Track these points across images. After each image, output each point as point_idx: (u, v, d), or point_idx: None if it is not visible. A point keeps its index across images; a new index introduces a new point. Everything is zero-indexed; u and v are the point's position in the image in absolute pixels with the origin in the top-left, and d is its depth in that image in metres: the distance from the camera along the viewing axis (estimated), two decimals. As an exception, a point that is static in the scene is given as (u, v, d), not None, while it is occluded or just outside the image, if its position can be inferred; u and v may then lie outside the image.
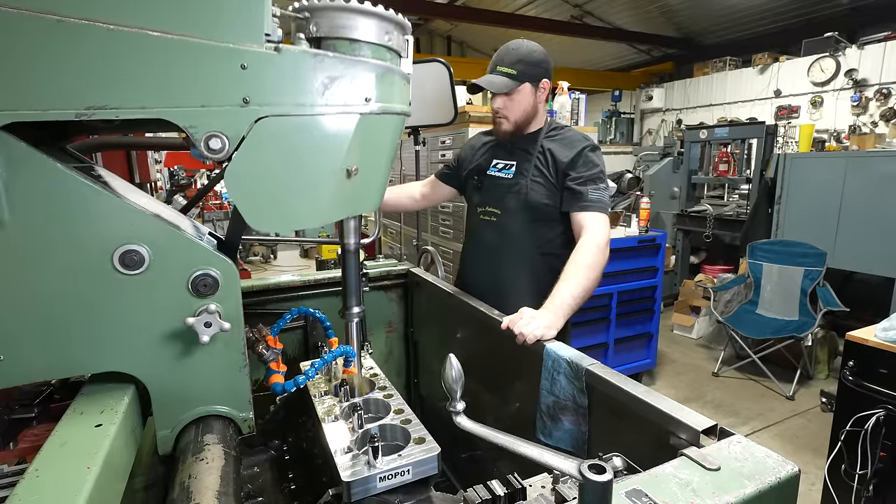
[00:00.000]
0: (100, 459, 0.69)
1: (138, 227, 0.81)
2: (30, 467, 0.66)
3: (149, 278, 0.82)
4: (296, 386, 1.07)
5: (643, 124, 9.86)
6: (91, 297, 0.80)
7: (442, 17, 8.81)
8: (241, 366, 0.93)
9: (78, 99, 0.71)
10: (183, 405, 0.91)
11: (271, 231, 0.92)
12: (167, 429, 0.91)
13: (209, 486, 0.76)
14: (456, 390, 0.87)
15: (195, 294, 0.86)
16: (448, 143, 4.10)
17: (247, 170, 0.83)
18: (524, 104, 1.64)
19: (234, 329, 0.88)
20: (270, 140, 0.82)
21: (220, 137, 0.78)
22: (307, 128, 0.85)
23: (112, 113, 0.73)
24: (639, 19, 8.72)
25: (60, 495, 0.61)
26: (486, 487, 0.92)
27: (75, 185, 0.77)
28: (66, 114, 0.71)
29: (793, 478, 0.70)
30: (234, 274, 0.89)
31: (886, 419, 1.83)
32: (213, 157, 0.79)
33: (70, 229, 0.77)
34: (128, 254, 0.80)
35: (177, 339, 0.86)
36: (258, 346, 1.11)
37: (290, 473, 1.29)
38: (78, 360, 0.82)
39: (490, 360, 1.50)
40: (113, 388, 0.86)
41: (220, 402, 0.94)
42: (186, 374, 0.89)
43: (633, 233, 3.64)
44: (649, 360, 3.85)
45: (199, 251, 0.86)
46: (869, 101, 6.32)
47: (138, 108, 0.74)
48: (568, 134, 1.70)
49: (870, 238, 3.74)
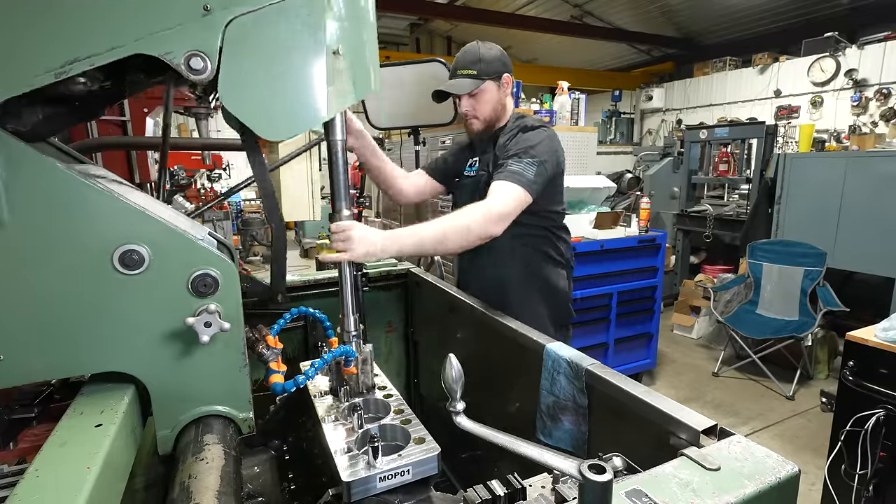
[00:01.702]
0: (100, 459, 0.68)
1: (138, 226, 0.81)
2: (30, 467, 0.66)
3: (149, 278, 0.82)
4: (296, 386, 1.06)
5: (643, 124, 9.87)
6: (91, 297, 0.80)
7: (442, 17, 8.82)
8: (241, 366, 0.93)
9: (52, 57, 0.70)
10: (183, 405, 0.91)
11: (283, 137, 0.90)
12: (167, 429, 0.91)
13: (209, 486, 0.76)
14: (456, 390, 0.87)
15: (195, 294, 0.85)
16: (448, 143, 4.09)
17: (236, 80, 0.82)
18: (491, 101, 1.66)
19: (233, 329, 0.88)
20: (246, 41, 0.81)
21: (199, 55, 0.77)
22: (279, 16, 0.83)
23: (87, 63, 0.72)
24: (639, 19, 8.72)
25: (60, 495, 0.61)
26: (486, 487, 0.92)
27: (75, 185, 0.77)
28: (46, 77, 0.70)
29: (793, 478, 0.70)
30: (233, 274, 0.89)
31: (886, 419, 1.83)
32: (199, 78, 0.78)
33: (70, 229, 0.77)
34: (128, 253, 0.80)
35: (177, 339, 0.86)
36: (258, 346, 1.10)
37: (290, 473, 1.29)
38: (78, 360, 0.82)
39: (490, 360, 1.50)
40: (113, 388, 0.86)
41: (219, 402, 0.94)
42: (186, 374, 0.89)
43: (633, 233, 3.64)
44: (649, 360, 3.85)
45: (198, 251, 0.86)
46: (869, 101, 6.33)
47: (109, 49, 0.73)
48: (519, 122, 1.69)
49: (870, 238, 3.74)
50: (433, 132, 4.08)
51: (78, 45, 0.72)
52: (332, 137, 1.09)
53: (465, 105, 1.67)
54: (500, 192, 1.45)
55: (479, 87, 1.62)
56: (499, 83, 1.66)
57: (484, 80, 1.62)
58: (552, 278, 1.73)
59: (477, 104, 1.66)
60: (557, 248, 1.74)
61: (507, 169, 1.49)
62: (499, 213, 1.41)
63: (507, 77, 1.67)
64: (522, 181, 1.46)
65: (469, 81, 1.62)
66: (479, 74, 1.61)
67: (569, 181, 3.48)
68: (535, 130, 1.60)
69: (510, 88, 1.71)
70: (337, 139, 1.09)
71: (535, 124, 1.64)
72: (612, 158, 8.71)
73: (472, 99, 1.65)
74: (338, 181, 1.12)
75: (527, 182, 1.47)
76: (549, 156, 1.56)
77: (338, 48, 0.88)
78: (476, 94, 1.63)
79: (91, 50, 0.72)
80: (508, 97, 1.72)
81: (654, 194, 5.48)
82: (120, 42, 0.74)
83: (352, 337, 1.16)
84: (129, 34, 0.74)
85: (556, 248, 1.73)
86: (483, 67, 1.61)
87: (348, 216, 1.16)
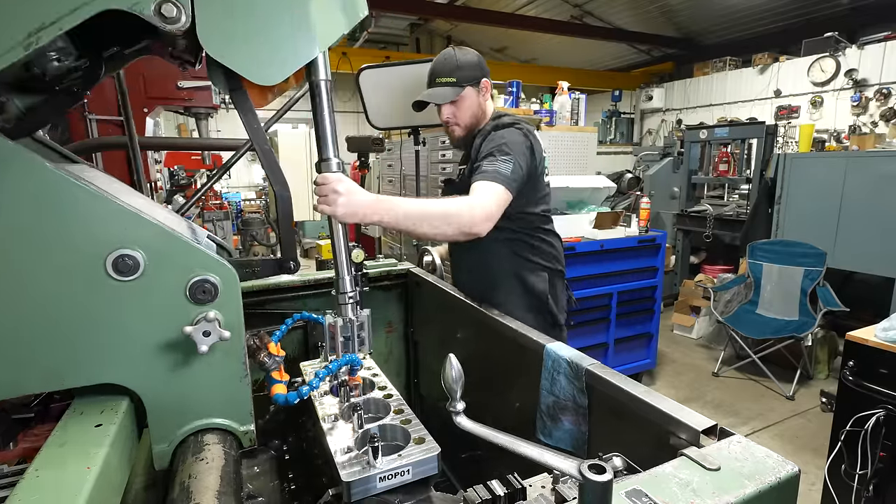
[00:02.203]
0: (100, 459, 0.69)
1: (133, 230, 0.77)
2: (30, 467, 0.66)
3: (144, 285, 0.78)
4: (299, 397, 1.01)
5: (643, 124, 9.87)
6: (82, 304, 0.76)
7: (442, 17, 8.81)
8: (242, 376, 0.89)
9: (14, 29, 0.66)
10: (180, 418, 0.87)
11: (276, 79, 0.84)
12: (164, 443, 0.86)
13: (209, 486, 0.76)
14: (456, 390, 0.87)
15: (193, 301, 0.81)
16: (447, 142, 4.09)
17: (214, 23, 0.76)
18: (472, 107, 1.66)
19: (234, 338, 0.84)
20: None
21: (170, 1, 0.72)
22: None
23: (55, 28, 0.68)
24: (639, 19, 8.72)
25: (60, 495, 0.61)
26: (486, 487, 0.92)
27: (66, 186, 0.73)
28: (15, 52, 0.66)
29: (793, 478, 0.70)
30: (234, 279, 0.85)
31: (886, 419, 1.83)
32: (175, 27, 0.72)
33: (60, 233, 0.73)
34: (121, 259, 0.76)
35: (173, 349, 0.82)
36: (259, 354, 1.06)
37: (290, 473, 1.29)
38: (68, 372, 0.78)
39: (490, 360, 1.50)
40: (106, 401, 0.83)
41: (219, 415, 0.90)
42: (184, 385, 0.85)
43: (633, 233, 3.64)
44: (649, 360, 3.85)
45: (197, 256, 0.82)
46: (869, 101, 6.33)
47: (73, 10, 0.68)
48: (494, 122, 1.65)
49: (870, 238, 3.74)
50: (433, 132, 4.08)
51: (40, 9, 0.67)
52: (315, 77, 1.00)
53: (445, 113, 1.66)
54: (481, 191, 1.41)
55: (459, 94, 1.62)
56: (478, 88, 1.65)
57: (464, 87, 1.62)
58: (529, 281, 1.68)
59: (458, 111, 1.65)
60: (537, 251, 1.69)
61: (483, 169, 1.46)
62: (484, 213, 1.37)
63: (485, 81, 1.67)
64: (499, 178, 1.43)
65: (449, 90, 1.61)
66: (458, 82, 1.61)
67: (569, 181, 3.52)
68: (507, 129, 1.57)
69: (489, 92, 1.70)
70: (321, 79, 1.01)
71: (507, 122, 1.61)
72: (612, 158, 8.71)
73: (452, 107, 1.64)
74: (323, 126, 1.04)
75: (504, 179, 1.43)
76: (522, 153, 1.52)
77: None
78: (456, 101, 1.63)
79: (56, 13, 0.67)
80: (488, 101, 1.71)
81: (654, 194, 5.48)
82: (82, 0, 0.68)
83: (347, 299, 1.10)
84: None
85: (534, 251, 1.68)
86: (462, 75, 1.61)
87: (337, 165, 1.09)
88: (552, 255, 1.73)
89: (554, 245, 1.75)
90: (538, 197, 1.66)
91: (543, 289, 1.69)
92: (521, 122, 1.64)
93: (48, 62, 0.76)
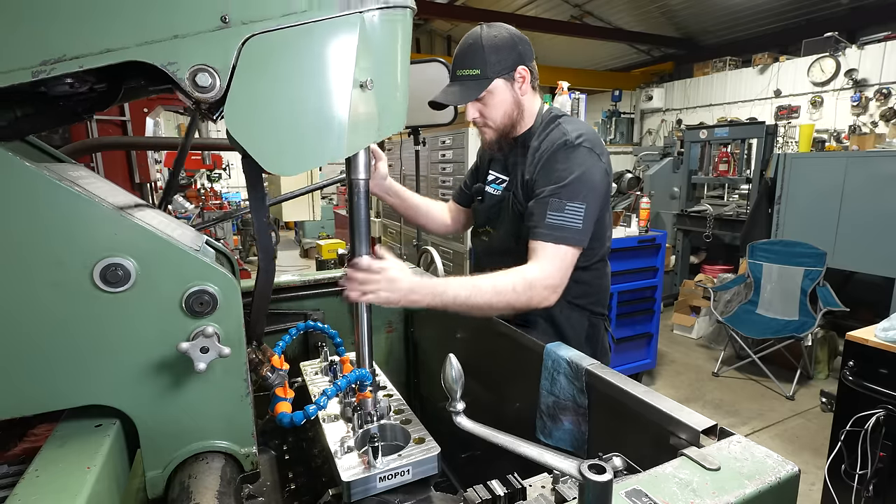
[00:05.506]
0: (100, 459, 0.68)
1: (123, 236, 0.70)
2: (30, 467, 0.66)
3: (135, 296, 0.71)
4: (306, 417, 0.94)
5: (643, 124, 9.86)
6: (68, 318, 0.69)
7: (442, 17, 8.81)
8: (243, 394, 0.83)
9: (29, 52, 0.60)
10: (176, 442, 0.80)
11: (290, 172, 0.78)
12: (158, 469, 0.79)
13: (209, 486, 0.76)
14: (456, 390, 0.87)
15: (190, 314, 0.74)
16: (448, 142, 4.09)
17: (246, 104, 0.72)
18: (504, 104, 1.34)
19: (235, 353, 0.77)
20: (265, 63, 0.71)
21: (208, 71, 0.67)
22: (304, 40, 0.73)
23: (74, 64, 0.62)
24: (639, 19, 8.72)
25: (60, 495, 0.61)
26: (486, 487, 0.92)
27: (48, 188, 0.65)
28: (21, 74, 0.60)
29: (793, 478, 0.70)
30: (234, 289, 0.78)
31: (886, 419, 1.83)
32: (205, 96, 0.68)
33: (43, 240, 0.66)
34: (110, 268, 0.69)
35: (168, 367, 0.75)
36: (262, 368, 0.99)
37: (290, 473, 1.29)
38: (53, 393, 0.71)
39: (490, 360, 1.50)
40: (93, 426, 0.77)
41: (218, 437, 0.83)
42: (179, 406, 0.78)
43: (633, 233, 3.64)
44: (649, 360, 3.85)
45: (194, 264, 0.75)
46: (869, 101, 6.33)
47: (102, 51, 0.63)
48: (557, 128, 1.35)
49: (870, 238, 3.74)
50: (433, 132, 4.08)
51: (65, 41, 0.61)
52: (354, 176, 0.99)
53: (471, 112, 1.36)
54: (545, 260, 1.22)
55: (484, 89, 1.30)
56: (512, 79, 1.32)
57: (491, 80, 1.29)
58: (564, 327, 1.42)
59: (486, 109, 1.34)
60: (581, 286, 1.39)
61: (548, 223, 1.23)
62: (549, 288, 1.21)
63: (522, 69, 1.32)
64: (569, 237, 1.23)
65: (471, 84, 1.30)
66: (483, 73, 1.29)
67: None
68: (579, 149, 1.27)
69: (528, 83, 1.35)
70: (360, 178, 0.99)
71: (573, 139, 1.28)
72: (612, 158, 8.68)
73: (478, 103, 1.34)
74: (358, 223, 1.02)
75: (573, 236, 1.23)
76: (599, 195, 1.28)
77: (366, 81, 0.78)
78: (483, 97, 1.31)
79: (81, 49, 0.62)
80: (529, 94, 1.37)
81: (654, 194, 5.48)
82: (117, 44, 0.63)
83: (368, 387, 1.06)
84: (131, 37, 0.64)
85: (577, 286, 1.36)
86: (489, 63, 1.28)
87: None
88: (595, 292, 1.46)
89: (602, 276, 1.47)
90: (601, 234, 1.38)
91: (580, 335, 1.44)
92: (591, 135, 1.32)
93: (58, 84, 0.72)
